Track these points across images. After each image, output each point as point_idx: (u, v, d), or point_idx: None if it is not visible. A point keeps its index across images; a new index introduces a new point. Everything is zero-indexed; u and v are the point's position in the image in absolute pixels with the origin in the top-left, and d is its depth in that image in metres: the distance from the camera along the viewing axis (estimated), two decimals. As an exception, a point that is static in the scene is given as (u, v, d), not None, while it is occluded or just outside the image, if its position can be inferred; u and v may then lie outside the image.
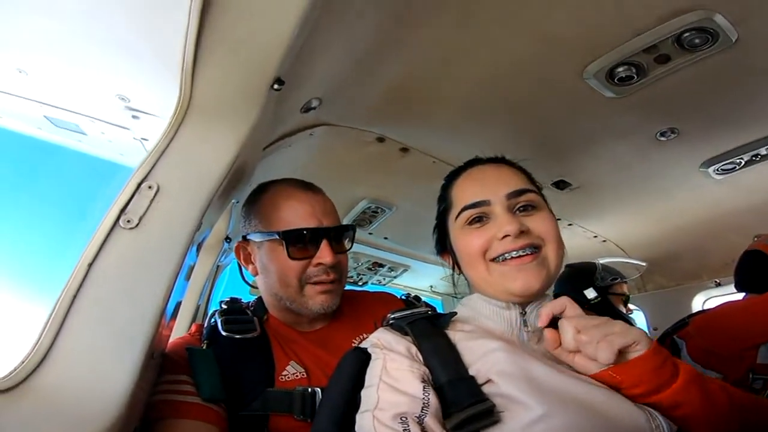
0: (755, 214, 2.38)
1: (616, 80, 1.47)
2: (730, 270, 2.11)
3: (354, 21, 1.16)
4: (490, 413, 0.81)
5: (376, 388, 0.86)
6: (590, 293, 2.34)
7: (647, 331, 2.94)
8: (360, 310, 1.43)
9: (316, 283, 1.25)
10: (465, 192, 1.09)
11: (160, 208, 0.92)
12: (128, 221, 0.89)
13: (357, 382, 0.92)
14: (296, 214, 1.25)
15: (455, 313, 1.08)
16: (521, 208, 1.03)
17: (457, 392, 0.85)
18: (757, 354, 1.70)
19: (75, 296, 0.82)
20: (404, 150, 1.87)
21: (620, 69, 1.43)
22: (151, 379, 1.01)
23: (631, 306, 2.71)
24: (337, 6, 1.04)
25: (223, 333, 1.20)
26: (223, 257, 2.16)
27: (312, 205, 1.27)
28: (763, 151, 1.88)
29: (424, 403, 0.82)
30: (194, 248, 1.11)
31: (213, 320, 1.28)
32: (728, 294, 2.71)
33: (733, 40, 1.28)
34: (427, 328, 0.99)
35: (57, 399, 0.76)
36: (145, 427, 0.99)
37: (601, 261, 2.57)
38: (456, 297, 1.20)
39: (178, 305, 1.28)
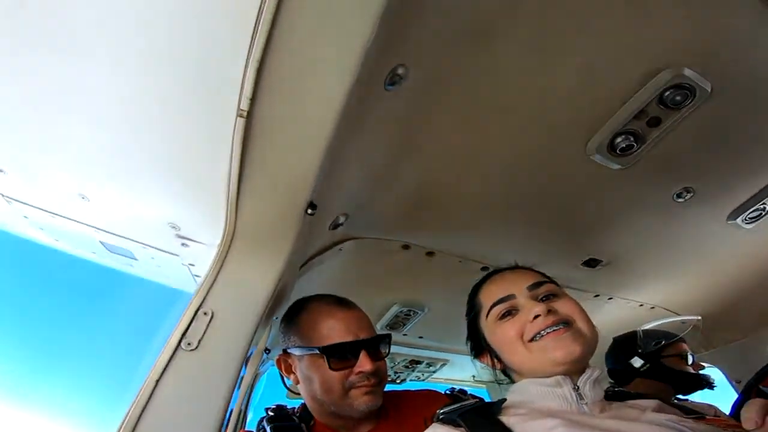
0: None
1: (618, 151, 1.52)
2: None
3: (368, 137, 1.27)
4: None
5: None
6: (636, 362, 2.30)
7: (732, 386, 2.85)
8: (404, 408, 1.49)
9: (359, 387, 1.33)
10: (491, 293, 1.19)
11: (216, 332, 1.02)
12: (189, 344, 0.99)
13: None
14: (334, 331, 1.35)
15: (505, 399, 1.06)
16: (544, 298, 1.12)
17: None
18: None
19: (144, 410, 0.89)
20: (430, 254, 1.91)
21: (619, 140, 1.49)
22: None
23: (703, 363, 2.54)
24: (353, 128, 1.14)
25: None
26: (262, 366, 2.24)
27: (348, 322, 1.38)
28: (784, 191, 1.85)
29: None
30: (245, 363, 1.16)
31: (261, 427, 1.34)
32: None
33: (709, 91, 1.34)
34: (480, 418, 0.97)
35: None
36: None
37: (646, 326, 2.49)
38: (500, 383, 1.22)
39: (231, 412, 1.32)
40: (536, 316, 1.05)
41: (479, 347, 1.24)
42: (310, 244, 1.45)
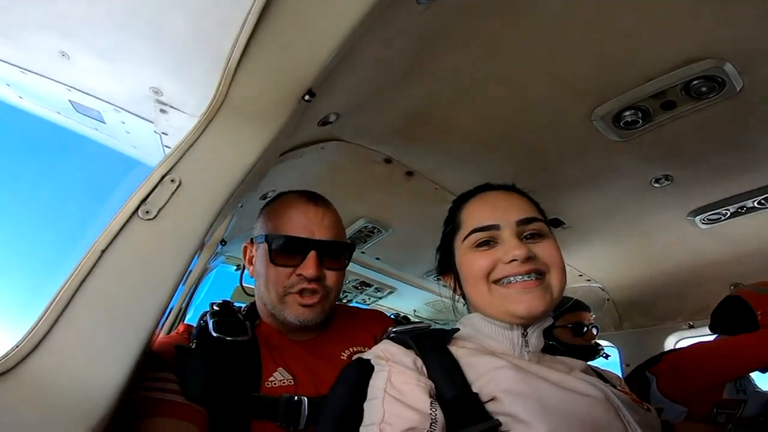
0: (734, 265, 2.42)
1: (621, 124, 1.50)
2: (705, 314, 2.19)
3: (383, 46, 1.17)
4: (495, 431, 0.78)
5: (381, 401, 0.82)
6: None
7: (620, 367, 3.03)
8: (354, 324, 1.39)
9: (297, 293, 1.20)
10: (475, 215, 1.07)
11: (180, 203, 0.90)
12: (147, 212, 0.87)
13: (360, 394, 0.87)
14: (290, 222, 1.22)
15: (457, 330, 1.05)
16: (528, 236, 1.02)
17: (463, 409, 0.82)
18: (723, 390, 1.80)
19: (82, 283, 0.79)
20: (409, 174, 1.86)
21: (627, 113, 1.45)
22: (137, 376, 0.95)
23: (604, 344, 2.75)
24: (372, 31, 1.05)
25: (214, 334, 1.15)
26: (213, 259, 2.10)
27: (309, 217, 1.23)
28: (749, 204, 1.93)
29: (432, 419, 0.78)
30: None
31: (203, 321, 1.22)
32: (699, 336, 2.76)
33: (738, 89, 1.32)
34: (431, 343, 0.96)
35: (47, 388, 0.72)
36: (122, 423, 0.91)
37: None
38: (437, 323, 1.19)
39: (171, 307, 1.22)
40: (513, 260, 0.96)
41: (446, 266, 1.15)
42: (296, 134, 1.34)
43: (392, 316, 1.56)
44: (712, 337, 2.06)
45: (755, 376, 1.93)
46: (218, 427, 1.03)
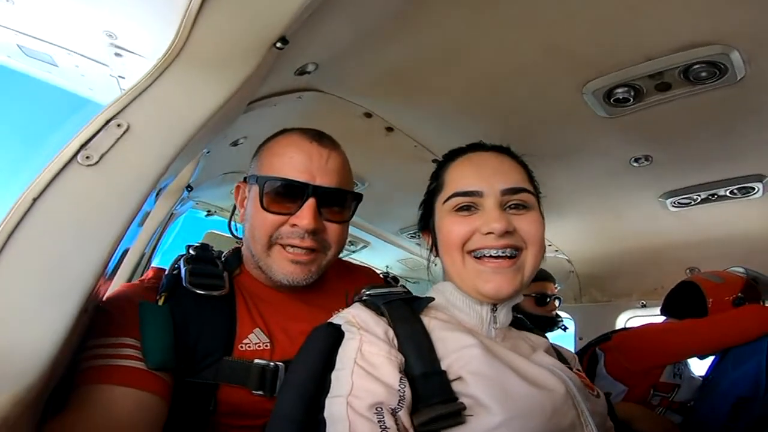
0: (694, 250, 2.47)
1: (612, 100, 1.43)
2: (658, 294, 2.23)
3: None
4: (458, 414, 0.75)
5: (350, 371, 0.76)
6: None
7: (574, 339, 3.11)
8: (344, 278, 1.25)
9: (286, 246, 1.04)
10: (460, 177, 0.99)
11: (126, 149, 0.80)
12: (87, 157, 0.76)
13: (327, 362, 0.81)
14: (288, 163, 1.04)
15: (432, 299, 0.98)
16: (513, 206, 0.94)
17: (429, 387, 0.78)
18: (662, 373, 1.82)
19: (11, 234, 0.69)
20: (389, 129, 1.75)
21: (619, 90, 1.38)
22: (79, 336, 0.86)
23: (563, 314, 2.78)
24: None
25: (185, 285, 1.01)
26: (180, 205, 1.97)
27: (310, 157, 1.04)
28: (721, 192, 1.94)
29: (400, 396, 0.74)
30: (154, 194, 0.97)
31: (176, 267, 1.08)
32: (650, 315, 2.83)
33: (738, 78, 1.26)
34: (404, 312, 0.90)
35: None
36: (68, 390, 0.82)
37: None
38: (409, 281, 1.13)
39: (125, 252, 1.12)
40: (490, 232, 0.90)
41: (426, 223, 1.08)
42: (269, 82, 1.22)
43: (381, 274, 1.46)
44: (661, 318, 2.09)
45: (692, 362, 1.97)
46: (182, 390, 0.93)
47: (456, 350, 0.84)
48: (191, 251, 1.13)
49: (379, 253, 3.11)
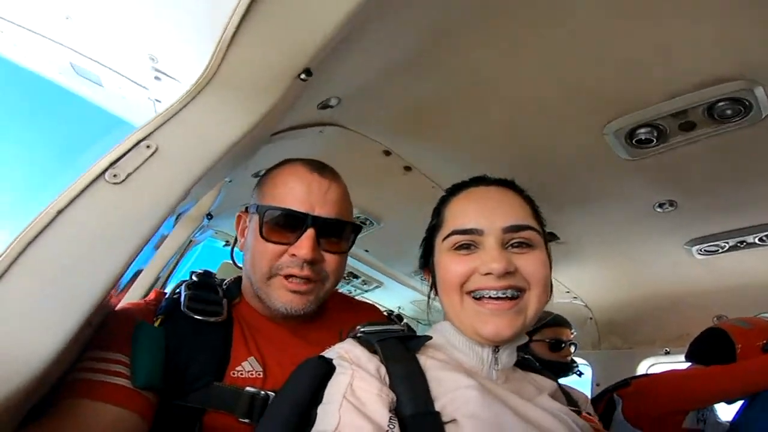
0: (723, 297, 2.37)
1: (634, 141, 1.40)
2: (683, 341, 2.09)
3: (395, 31, 1.08)
4: None
5: (338, 406, 0.72)
6: None
7: (590, 387, 2.95)
8: (344, 315, 1.22)
9: (285, 277, 1.03)
10: (460, 214, 0.94)
11: (152, 170, 0.82)
12: (114, 175, 0.80)
13: (315, 395, 0.77)
14: (288, 193, 1.04)
15: (430, 337, 0.93)
16: (515, 244, 0.89)
17: (421, 429, 0.73)
18: (684, 419, 1.73)
19: (31, 241, 0.71)
20: (407, 168, 1.75)
21: (642, 130, 1.36)
22: (78, 350, 0.85)
23: (579, 360, 2.63)
24: (383, 12, 0.96)
25: (183, 309, 1.01)
26: (200, 233, 1.98)
27: (310, 187, 1.05)
28: (749, 239, 1.87)
29: None
30: (173, 218, 0.97)
31: (177, 291, 1.08)
32: (674, 363, 2.64)
33: (763, 116, 1.24)
34: (398, 350, 0.85)
35: None
36: (51, 402, 0.80)
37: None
38: (421, 323, 1.07)
39: (137, 273, 1.12)
40: (489, 273, 0.85)
41: (426, 262, 1.03)
42: (292, 115, 1.25)
43: (386, 312, 1.41)
44: (686, 365, 1.98)
45: (719, 406, 1.87)
46: (167, 413, 0.90)
47: (451, 391, 0.79)
48: (194, 277, 1.14)
49: (392, 294, 3.05)
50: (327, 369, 0.81)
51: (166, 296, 1.08)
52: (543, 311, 2.07)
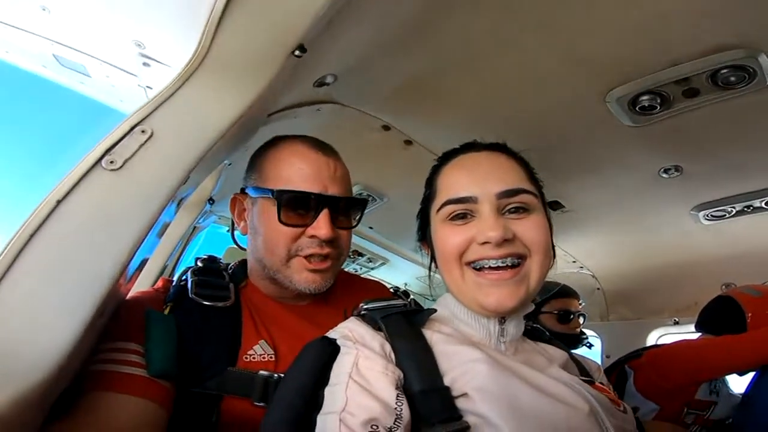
0: (731, 264, 2.34)
1: (637, 108, 1.37)
2: (692, 311, 2.08)
3: (389, 3, 1.05)
4: None
5: (344, 387, 0.71)
6: None
7: (601, 358, 2.95)
8: (354, 294, 1.21)
9: (306, 257, 1.05)
10: (452, 182, 0.92)
11: (149, 155, 0.82)
12: (111, 162, 0.78)
13: (320, 377, 0.76)
14: (299, 174, 1.05)
15: (435, 311, 0.92)
16: (512, 209, 0.86)
17: (431, 405, 0.72)
18: (697, 390, 1.72)
19: (34, 234, 0.70)
20: (408, 143, 1.73)
21: (645, 97, 1.33)
22: (93, 341, 0.85)
23: (588, 332, 2.63)
24: None
25: (191, 296, 1.02)
26: (203, 219, 1.98)
27: (319, 168, 1.06)
28: (756, 203, 1.84)
29: (397, 415, 0.68)
30: (174, 204, 0.97)
31: (184, 278, 1.09)
32: (684, 333, 2.64)
33: None
34: (403, 326, 0.84)
35: None
36: (74, 395, 0.81)
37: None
38: (428, 299, 1.07)
39: (144, 262, 1.12)
40: (486, 242, 0.83)
41: (424, 234, 1.02)
42: (288, 93, 1.23)
43: (392, 289, 1.41)
44: (696, 335, 1.98)
45: (730, 378, 1.87)
46: (185, 400, 0.92)
47: (460, 365, 0.78)
48: (199, 263, 1.14)
49: (398, 271, 3.05)
50: (331, 350, 0.80)
51: (174, 283, 1.10)
52: (550, 281, 2.07)
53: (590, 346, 2.44)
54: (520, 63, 1.29)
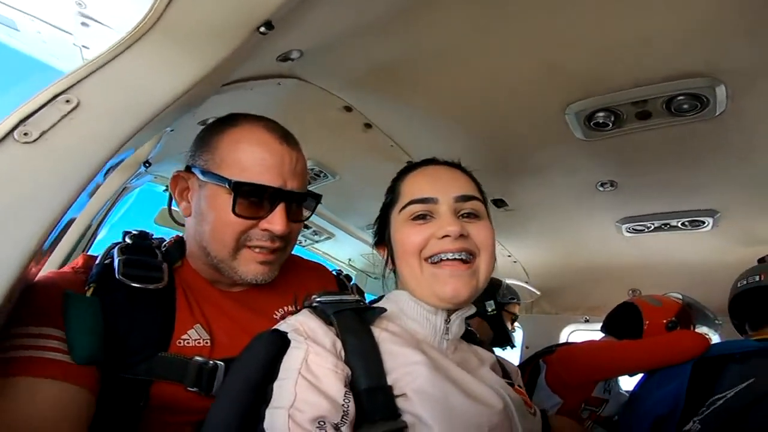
0: (640, 272, 2.58)
1: (592, 123, 1.43)
2: (600, 311, 2.27)
3: None
4: None
5: (293, 382, 0.72)
6: (490, 305, 2.44)
7: (521, 347, 3.15)
8: (291, 277, 1.17)
9: (254, 248, 1.00)
10: (415, 186, 1.01)
11: (72, 127, 0.72)
12: (25, 134, 0.69)
13: (269, 370, 0.76)
14: (259, 165, 0.97)
15: (384, 310, 0.94)
16: (465, 214, 0.98)
17: (374, 403, 0.75)
18: (594, 388, 1.88)
19: None
20: (367, 126, 1.68)
21: (601, 114, 1.38)
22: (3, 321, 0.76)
23: (516, 325, 2.83)
24: None
25: (118, 277, 0.92)
26: (136, 179, 1.78)
27: (282, 160, 0.99)
28: (673, 222, 2.01)
29: (344, 411, 0.70)
30: (104, 170, 0.86)
31: (110, 256, 0.97)
32: (592, 330, 2.91)
33: (717, 113, 1.29)
34: (354, 323, 0.86)
35: None
36: None
37: (507, 281, 2.67)
38: (370, 276, 1.09)
39: (70, 222, 0.96)
40: (446, 236, 0.91)
41: (381, 237, 1.08)
42: (248, 66, 1.14)
43: (335, 271, 1.37)
44: (601, 335, 2.15)
45: (622, 378, 2.04)
46: (110, 386, 0.85)
47: (403, 365, 0.81)
48: (127, 239, 1.04)
49: (343, 246, 3.02)
50: (281, 344, 0.80)
51: (97, 262, 0.98)
52: (512, 285, 2.17)
53: (513, 347, 2.64)
54: (492, 64, 1.28)
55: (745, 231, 2.02)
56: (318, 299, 0.90)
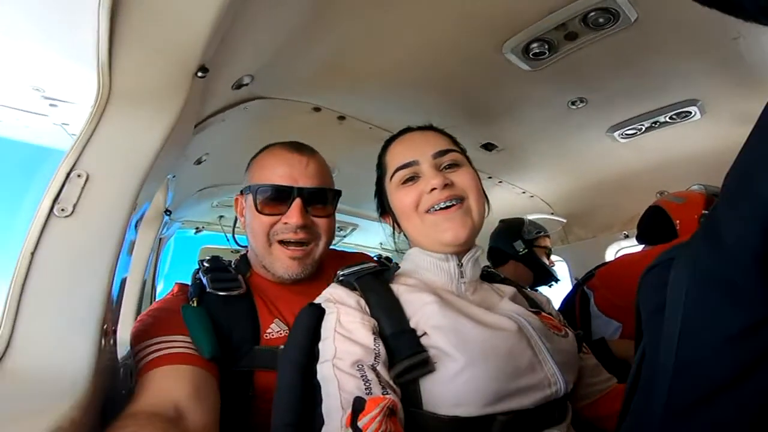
0: (656, 173, 2.52)
1: (531, 55, 1.50)
2: (635, 223, 2.12)
3: (277, 5, 1.12)
4: (426, 363, 0.85)
5: (332, 339, 0.88)
6: (519, 246, 2.44)
7: (570, 280, 3.07)
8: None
9: (284, 244, 1.21)
10: (397, 155, 1.13)
11: (92, 196, 0.87)
12: (62, 210, 0.84)
13: (314, 335, 0.93)
14: (273, 172, 1.21)
15: (398, 267, 1.12)
16: (447, 166, 1.09)
17: (399, 344, 0.88)
18: None
19: (24, 284, 0.79)
20: (341, 118, 1.83)
21: (534, 45, 1.46)
22: (111, 352, 0.96)
23: (554, 258, 2.79)
24: None
25: (209, 290, 1.16)
26: (165, 230, 2.06)
27: (292, 165, 1.22)
28: (661, 119, 1.99)
29: (376, 353, 0.86)
30: (133, 224, 1.06)
31: (198, 278, 1.22)
32: (636, 245, 2.70)
33: (632, 20, 1.34)
34: (373, 283, 1.02)
35: (26, 380, 0.75)
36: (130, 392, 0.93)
37: (528, 217, 2.66)
38: (401, 252, 1.22)
39: (123, 281, 1.21)
40: (433, 189, 1.03)
41: (383, 208, 1.21)
42: (209, 104, 1.30)
43: (376, 257, 1.59)
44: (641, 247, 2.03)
45: None
46: (224, 381, 1.05)
47: (419, 309, 0.94)
48: (205, 264, 1.27)
49: (370, 233, 3.17)
50: (319, 313, 0.97)
51: (190, 283, 1.22)
52: (534, 221, 2.17)
53: (557, 280, 2.57)
54: (420, 31, 1.38)
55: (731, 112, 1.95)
56: (341, 273, 1.08)
